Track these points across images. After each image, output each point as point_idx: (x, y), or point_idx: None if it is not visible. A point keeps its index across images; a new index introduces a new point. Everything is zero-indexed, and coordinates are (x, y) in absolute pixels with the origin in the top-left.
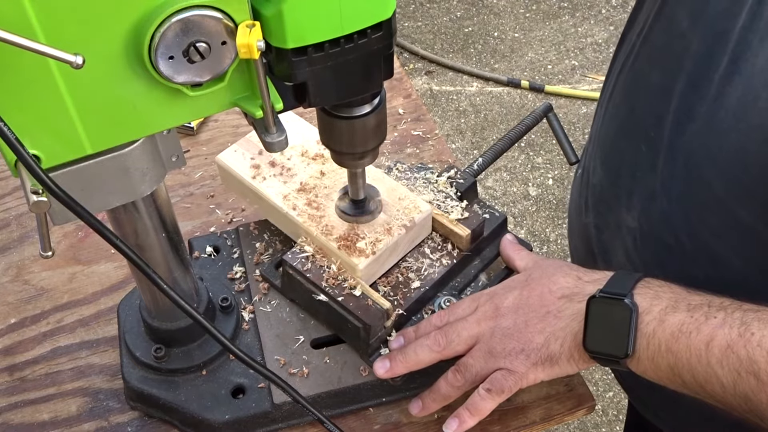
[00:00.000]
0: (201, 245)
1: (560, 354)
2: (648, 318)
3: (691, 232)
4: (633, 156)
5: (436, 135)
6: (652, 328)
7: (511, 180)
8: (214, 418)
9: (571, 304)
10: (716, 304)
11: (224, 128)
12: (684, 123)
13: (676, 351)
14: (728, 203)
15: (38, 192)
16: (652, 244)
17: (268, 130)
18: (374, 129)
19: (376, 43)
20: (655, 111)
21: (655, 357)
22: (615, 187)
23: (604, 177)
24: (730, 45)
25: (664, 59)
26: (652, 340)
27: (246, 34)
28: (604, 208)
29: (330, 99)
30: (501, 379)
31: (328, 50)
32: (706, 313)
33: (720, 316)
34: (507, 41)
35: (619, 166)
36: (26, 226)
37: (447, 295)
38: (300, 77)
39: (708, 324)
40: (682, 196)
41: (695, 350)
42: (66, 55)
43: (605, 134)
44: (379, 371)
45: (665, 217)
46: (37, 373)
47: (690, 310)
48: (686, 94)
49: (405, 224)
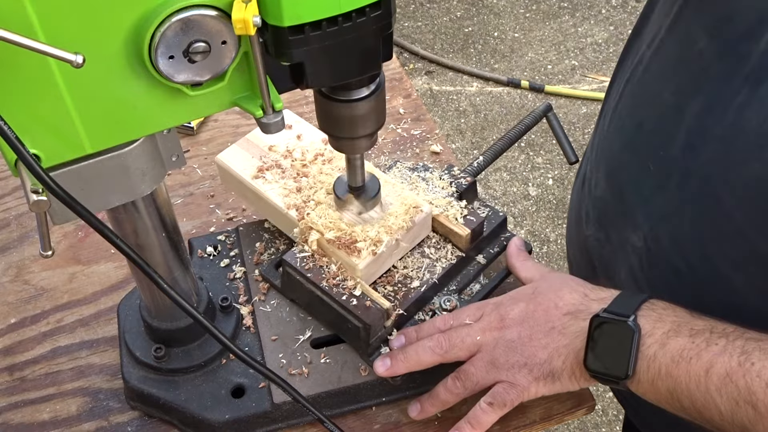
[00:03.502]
0: (201, 245)
1: (562, 371)
2: (650, 341)
3: (705, 258)
4: (640, 173)
5: (436, 135)
6: (653, 351)
7: (511, 180)
8: (214, 417)
9: (576, 321)
10: (719, 331)
11: (224, 128)
12: (698, 146)
13: (676, 376)
14: (748, 233)
15: (38, 191)
16: (660, 267)
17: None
18: (373, 113)
19: (374, 23)
20: (665, 129)
21: (655, 380)
22: (620, 204)
23: (608, 191)
24: (751, 67)
25: (677, 76)
26: (652, 363)
27: (242, 9)
28: (606, 223)
29: (328, 80)
30: (503, 392)
31: (326, 29)
32: (707, 339)
33: (721, 343)
34: (507, 41)
35: (624, 182)
36: (26, 226)
37: (447, 295)
38: (297, 57)
39: (708, 351)
40: (696, 221)
41: (695, 376)
42: (66, 54)
43: (609, 146)
44: (379, 369)
45: (676, 241)
46: (37, 373)
47: (692, 336)
48: (701, 116)
49: (405, 224)
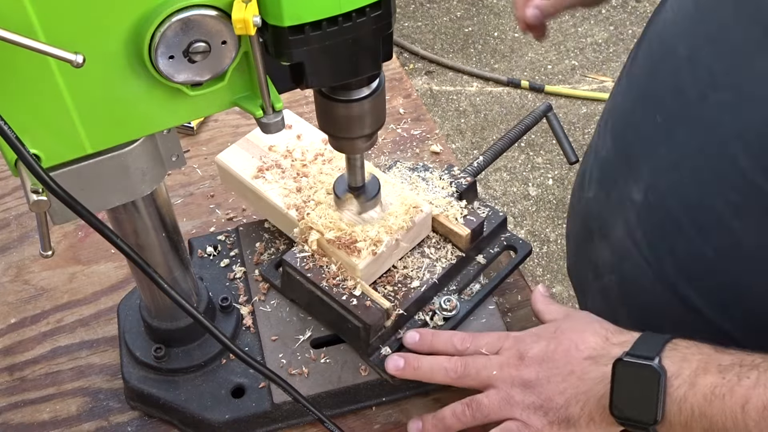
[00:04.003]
0: (201, 245)
1: (579, 417)
2: (677, 382)
3: (705, 206)
4: (646, 127)
5: (436, 135)
6: (682, 392)
7: (511, 180)
8: (214, 417)
9: (597, 366)
10: (748, 363)
11: (224, 128)
12: (708, 94)
13: (711, 415)
14: (754, 177)
15: (38, 191)
16: (657, 219)
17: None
18: (373, 113)
19: (374, 23)
20: (677, 82)
21: (689, 422)
22: (624, 161)
23: (613, 148)
24: (765, 14)
25: (692, 29)
26: (683, 405)
27: (242, 9)
28: (608, 181)
29: (328, 80)
30: (516, 431)
31: (326, 29)
32: (738, 374)
33: (753, 376)
34: (507, 41)
35: (631, 139)
36: (26, 226)
37: (447, 295)
38: (297, 57)
39: (741, 385)
40: (699, 169)
41: (731, 413)
42: (66, 54)
43: (620, 107)
44: (390, 367)
45: (676, 190)
46: (37, 373)
47: (721, 372)
48: (713, 65)
49: (405, 224)
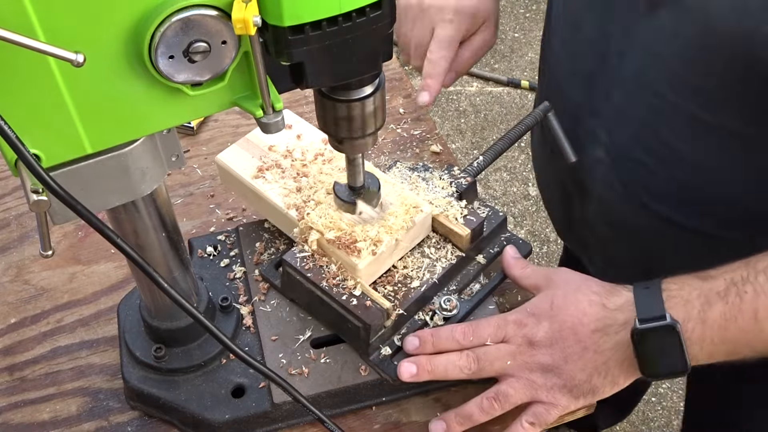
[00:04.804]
0: (201, 245)
1: (603, 385)
2: (691, 325)
3: (662, 144)
4: (588, 90)
5: (436, 135)
6: (698, 332)
7: (511, 180)
8: (214, 417)
9: (608, 337)
10: (738, 280)
11: (224, 128)
12: (626, 52)
13: (731, 339)
14: (685, 108)
15: (38, 191)
16: (627, 167)
17: (264, 111)
18: (373, 113)
19: (374, 22)
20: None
21: (713, 353)
22: (582, 121)
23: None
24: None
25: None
26: (703, 343)
27: (242, 9)
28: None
29: (328, 80)
30: (544, 413)
31: (326, 29)
32: (737, 293)
33: (750, 290)
34: (507, 41)
35: (578, 102)
36: (26, 226)
37: (447, 295)
38: (297, 57)
39: (745, 301)
40: (644, 118)
41: (748, 329)
42: (67, 54)
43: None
44: (404, 375)
45: (636, 139)
46: (37, 372)
47: (722, 298)
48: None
49: (405, 224)
